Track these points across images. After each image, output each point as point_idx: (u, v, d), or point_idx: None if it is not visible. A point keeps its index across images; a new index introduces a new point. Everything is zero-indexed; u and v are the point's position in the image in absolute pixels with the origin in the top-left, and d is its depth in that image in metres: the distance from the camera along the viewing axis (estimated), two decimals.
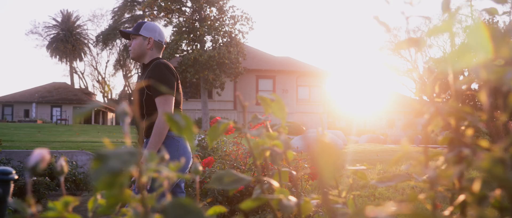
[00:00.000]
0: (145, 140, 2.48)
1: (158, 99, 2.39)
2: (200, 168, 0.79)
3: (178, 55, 21.97)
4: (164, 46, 2.69)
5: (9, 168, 0.81)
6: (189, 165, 2.46)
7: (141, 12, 38.44)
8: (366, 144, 9.68)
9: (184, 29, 21.04)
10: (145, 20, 35.13)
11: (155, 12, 22.31)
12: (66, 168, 0.74)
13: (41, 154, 0.57)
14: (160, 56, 2.65)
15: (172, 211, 0.42)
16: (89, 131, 15.71)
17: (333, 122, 34.48)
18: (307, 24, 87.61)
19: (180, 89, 2.60)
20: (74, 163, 5.84)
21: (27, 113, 36.53)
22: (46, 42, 44.76)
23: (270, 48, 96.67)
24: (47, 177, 4.54)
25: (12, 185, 0.84)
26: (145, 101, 2.44)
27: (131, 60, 43.89)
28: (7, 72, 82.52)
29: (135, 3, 38.76)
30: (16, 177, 0.81)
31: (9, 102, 36.86)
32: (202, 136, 5.14)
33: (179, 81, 2.57)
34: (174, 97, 2.44)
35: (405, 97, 38.99)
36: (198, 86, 23.74)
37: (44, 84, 41.00)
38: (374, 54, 62.88)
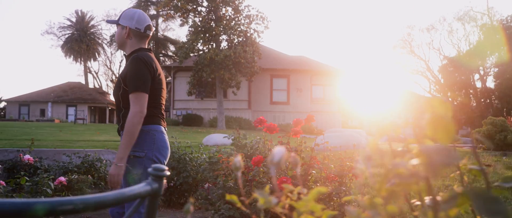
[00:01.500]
0: (121, 132, 2.43)
1: (131, 96, 2.31)
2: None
3: (193, 54, 22.09)
4: (148, 34, 2.52)
5: (162, 166, 0.88)
6: (168, 157, 2.43)
7: (155, 12, 38.67)
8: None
9: (200, 29, 21.15)
10: (160, 19, 35.14)
11: (171, 12, 22.46)
12: (242, 163, 0.80)
13: (282, 152, 0.63)
14: (144, 46, 2.51)
15: (477, 198, 0.46)
16: (108, 130, 15.90)
17: (346, 121, 34.36)
18: (321, 23, 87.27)
19: (163, 84, 2.49)
20: (108, 161, 5.94)
21: (43, 112, 37.03)
22: (61, 42, 45.28)
23: (284, 47, 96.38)
24: (89, 175, 4.65)
25: (164, 181, 0.90)
26: (121, 95, 2.39)
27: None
28: (24, 72, 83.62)
29: (149, 3, 39.00)
30: (168, 173, 0.88)
31: (26, 101, 37.40)
32: (235, 135, 5.18)
33: (162, 75, 2.47)
34: (147, 95, 2.33)
35: (418, 96, 38.60)
36: (213, 85, 23.86)
37: (59, 84, 41.51)
38: (387, 52, 62.42)
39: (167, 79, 32.22)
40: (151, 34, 2.56)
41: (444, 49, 70.31)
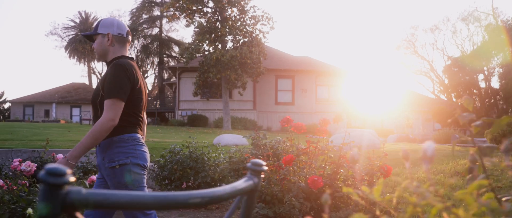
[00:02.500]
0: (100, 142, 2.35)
1: (106, 102, 2.26)
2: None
3: (199, 55, 22.12)
4: (128, 39, 2.52)
5: (261, 161, 0.89)
6: (148, 163, 2.42)
7: (159, 13, 38.73)
8: (401, 144, 9.67)
9: (205, 29, 21.19)
10: (164, 20, 35.08)
11: (177, 13, 22.50)
12: (358, 157, 0.82)
13: (433, 146, 0.64)
14: (125, 53, 2.49)
15: None
16: None
17: (349, 121, 34.34)
18: (325, 23, 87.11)
19: (144, 94, 2.44)
20: None
21: (47, 112, 37.12)
22: (65, 43, 45.38)
23: (288, 47, 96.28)
24: None
25: (262, 176, 0.91)
26: (100, 102, 2.34)
27: (147, 61, 44.17)
28: (28, 73, 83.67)
29: (153, 4, 39.08)
30: (266, 168, 0.89)
31: (30, 102, 37.49)
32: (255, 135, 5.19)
33: (143, 83, 2.44)
34: (123, 103, 2.28)
35: (422, 97, 38.64)
36: (219, 86, 23.89)
37: (63, 84, 41.61)
38: (391, 53, 62.38)
39: (172, 80, 32.23)
40: (131, 40, 2.55)
41: (448, 50, 70.28)
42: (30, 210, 1.71)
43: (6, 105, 40.46)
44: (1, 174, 4.10)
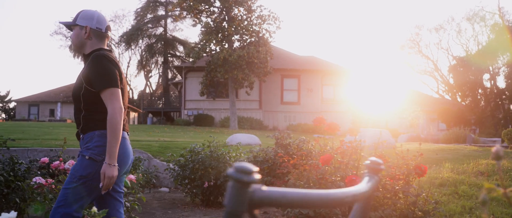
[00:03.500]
0: (82, 136, 2.32)
1: (104, 94, 2.22)
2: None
3: (205, 55, 22.14)
4: (107, 34, 2.45)
5: (379, 159, 0.90)
6: (130, 164, 2.39)
7: (163, 12, 38.78)
8: (415, 144, 9.63)
9: (212, 29, 21.21)
10: (168, 20, 35.04)
11: (184, 12, 22.52)
12: (503, 153, 0.83)
13: None
14: (103, 46, 2.43)
15: None
16: None
17: (354, 120, 34.27)
18: (330, 23, 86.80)
19: (124, 82, 2.40)
20: (145, 161, 5.97)
21: (52, 112, 37.19)
22: (69, 43, 45.43)
23: (294, 47, 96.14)
24: (140, 175, 4.68)
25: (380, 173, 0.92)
26: (83, 95, 2.28)
27: (152, 60, 44.20)
28: (33, 72, 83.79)
29: (158, 4, 39.09)
30: (383, 167, 0.90)
31: (35, 102, 37.57)
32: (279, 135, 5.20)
33: (123, 76, 2.39)
34: (119, 90, 2.26)
35: (426, 96, 38.58)
36: (225, 85, 23.90)
37: (68, 84, 41.65)
38: (396, 52, 62.26)
39: (177, 79, 32.24)
40: (110, 36, 2.50)
41: (452, 49, 70.15)
42: (94, 209, 1.72)
43: (12, 105, 40.55)
44: (29, 173, 4.12)
